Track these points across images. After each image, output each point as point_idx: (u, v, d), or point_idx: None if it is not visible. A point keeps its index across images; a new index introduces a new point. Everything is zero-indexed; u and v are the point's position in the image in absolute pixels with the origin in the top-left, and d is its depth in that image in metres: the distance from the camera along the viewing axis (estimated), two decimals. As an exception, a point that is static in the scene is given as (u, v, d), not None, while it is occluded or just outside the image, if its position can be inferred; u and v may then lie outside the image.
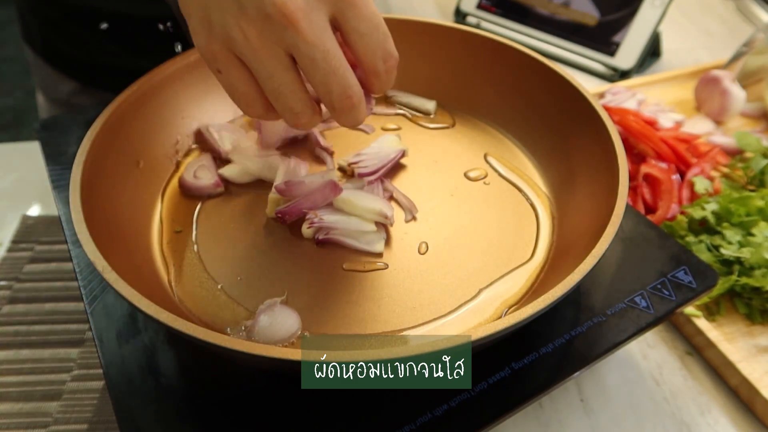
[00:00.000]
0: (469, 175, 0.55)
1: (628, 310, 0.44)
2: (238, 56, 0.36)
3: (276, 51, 0.35)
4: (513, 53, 0.57)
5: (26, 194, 0.73)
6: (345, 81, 0.36)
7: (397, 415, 0.38)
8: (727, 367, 0.51)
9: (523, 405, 0.39)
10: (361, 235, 0.48)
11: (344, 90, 0.36)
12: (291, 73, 0.36)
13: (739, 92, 0.78)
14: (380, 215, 0.48)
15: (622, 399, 0.50)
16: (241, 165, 0.53)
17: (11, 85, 2.45)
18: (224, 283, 0.45)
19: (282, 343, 0.41)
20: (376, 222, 0.48)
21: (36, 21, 0.79)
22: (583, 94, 0.51)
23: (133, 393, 0.39)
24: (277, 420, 0.38)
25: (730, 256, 0.55)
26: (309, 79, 0.36)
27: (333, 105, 0.37)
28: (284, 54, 0.35)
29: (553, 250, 0.48)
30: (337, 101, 0.37)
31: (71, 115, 0.59)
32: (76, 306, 0.60)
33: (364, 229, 0.48)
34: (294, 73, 0.36)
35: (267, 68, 0.35)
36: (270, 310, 0.42)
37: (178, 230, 0.50)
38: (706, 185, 0.64)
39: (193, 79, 0.56)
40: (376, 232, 0.48)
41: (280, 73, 0.36)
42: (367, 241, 0.48)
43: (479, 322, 0.43)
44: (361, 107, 0.38)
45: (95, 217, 0.41)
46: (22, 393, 0.53)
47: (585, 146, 0.51)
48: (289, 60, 0.36)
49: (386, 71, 0.38)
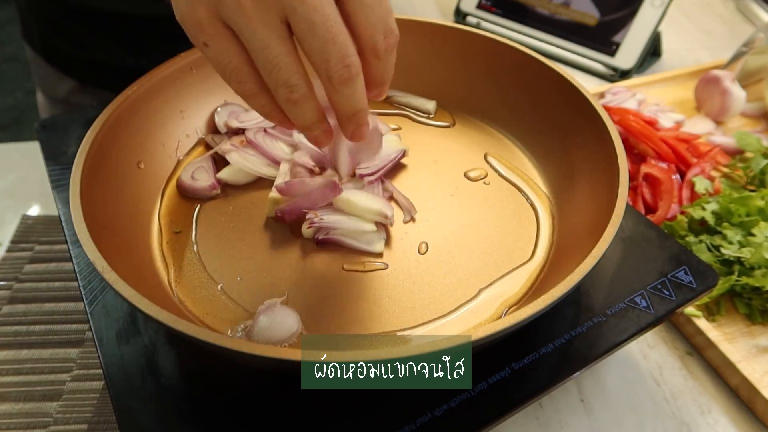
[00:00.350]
0: (469, 175, 0.55)
1: (628, 310, 0.44)
2: (228, 24, 0.33)
3: (271, 17, 0.32)
4: (513, 53, 0.57)
5: (26, 194, 0.73)
6: (345, 49, 0.33)
7: (397, 415, 0.38)
8: (728, 367, 0.51)
9: (523, 405, 0.39)
10: (361, 235, 0.48)
11: (343, 58, 0.33)
12: (287, 44, 0.33)
13: (739, 92, 0.78)
14: (380, 215, 0.48)
15: (622, 399, 0.50)
16: (238, 165, 0.53)
17: (11, 85, 2.45)
18: (224, 283, 0.45)
19: (282, 343, 0.41)
20: (376, 222, 0.48)
21: (36, 20, 0.79)
22: (583, 94, 0.51)
23: (133, 393, 0.39)
24: (277, 420, 0.38)
25: (730, 256, 0.55)
26: (305, 47, 0.33)
27: (330, 75, 0.34)
28: (279, 21, 0.32)
29: (553, 250, 0.48)
30: (335, 70, 0.33)
31: (71, 115, 0.59)
32: (76, 306, 0.60)
33: (364, 229, 0.48)
34: (291, 43, 0.34)
35: (261, 37, 0.33)
36: (270, 311, 0.42)
37: (177, 231, 0.50)
38: (706, 185, 0.64)
39: (193, 79, 0.56)
40: (376, 232, 0.48)
41: (275, 43, 0.33)
42: (367, 241, 0.48)
43: (479, 322, 0.43)
44: (360, 83, 0.35)
45: (95, 217, 0.41)
46: (22, 393, 0.53)
47: (585, 146, 0.50)
48: (285, 29, 0.33)
49: (386, 50, 0.35)
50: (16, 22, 0.84)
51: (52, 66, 0.81)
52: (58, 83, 0.82)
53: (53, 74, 0.81)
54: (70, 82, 0.81)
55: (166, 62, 0.54)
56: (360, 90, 0.36)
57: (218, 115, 0.58)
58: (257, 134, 0.54)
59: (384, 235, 0.49)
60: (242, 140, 0.55)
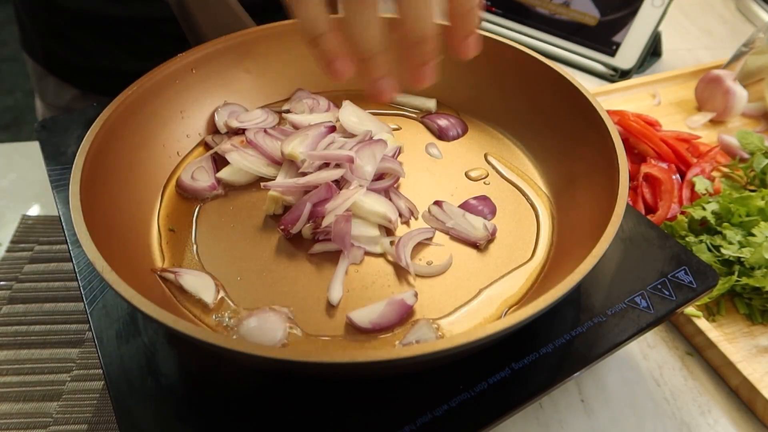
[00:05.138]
0: (470, 175, 0.55)
1: (629, 310, 0.44)
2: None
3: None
4: (513, 53, 0.57)
5: (26, 194, 0.73)
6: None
7: (397, 415, 0.38)
8: (728, 367, 0.51)
9: (523, 405, 0.39)
10: (362, 235, 0.48)
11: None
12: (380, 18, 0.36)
13: (741, 92, 0.78)
14: (384, 218, 0.48)
15: (623, 399, 0.50)
16: (238, 165, 0.53)
17: (11, 85, 2.45)
18: (224, 283, 0.45)
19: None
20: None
21: (38, 31, 0.79)
22: (583, 94, 0.51)
23: (133, 393, 0.39)
24: (276, 420, 0.38)
25: (730, 256, 0.55)
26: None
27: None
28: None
29: (553, 250, 0.48)
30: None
31: (71, 115, 0.60)
32: (76, 306, 0.60)
33: (368, 234, 0.47)
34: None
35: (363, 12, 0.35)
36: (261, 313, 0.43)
37: (172, 228, 0.49)
38: (707, 185, 0.64)
39: (193, 79, 0.56)
40: (377, 233, 0.48)
41: (371, 13, 0.35)
42: (368, 242, 0.48)
43: (479, 322, 0.43)
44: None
45: (95, 217, 0.41)
46: (22, 393, 0.53)
47: (585, 146, 0.50)
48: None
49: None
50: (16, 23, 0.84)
51: (54, 75, 0.81)
52: (60, 92, 0.82)
53: (54, 83, 0.81)
54: (71, 91, 0.81)
55: (166, 62, 0.54)
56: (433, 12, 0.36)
57: (218, 115, 0.58)
58: (257, 134, 0.54)
59: (385, 236, 0.49)
60: (242, 140, 0.55)
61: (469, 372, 0.40)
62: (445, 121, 0.59)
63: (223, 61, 0.58)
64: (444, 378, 0.39)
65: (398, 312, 0.42)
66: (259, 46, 0.60)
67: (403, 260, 0.46)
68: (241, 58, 0.60)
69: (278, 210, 0.51)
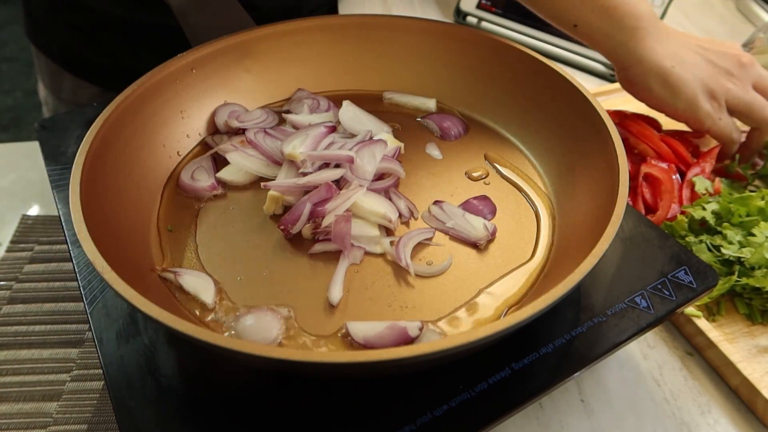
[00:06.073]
0: (470, 175, 0.55)
1: (629, 310, 0.44)
2: (727, 103, 0.62)
3: (749, 85, 0.63)
4: (513, 53, 0.57)
5: (26, 194, 0.73)
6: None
7: (397, 415, 0.38)
8: (728, 367, 0.51)
9: (523, 405, 0.39)
10: (362, 235, 0.48)
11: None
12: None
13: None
14: (384, 218, 0.48)
15: (623, 399, 0.50)
16: (238, 165, 0.53)
17: (11, 85, 2.45)
18: (224, 283, 0.45)
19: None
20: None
21: (56, 28, 0.78)
22: (583, 94, 0.51)
23: (132, 393, 0.39)
24: (276, 420, 0.38)
25: (730, 256, 0.55)
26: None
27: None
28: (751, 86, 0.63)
29: (553, 250, 0.48)
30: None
31: (71, 115, 0.59)
32: (76, 306, 0.60)
33: (368, 234, 0.47)
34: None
35: (752, 96, 0.62)
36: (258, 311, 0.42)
37: (171, 228, 0.49)
38: (707, 185, 0.64)
39: (193, 79, 0.56)
40: (377, 233, 0.48)
41: (755, 95, 0.63)
42: (368, 242, 0.48)
43: (479, 322, 0.43)
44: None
45: (95, 217, 0.41)
46: (22, 393, 0.53)
47: (585, 146, 0.50)
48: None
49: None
50: (16, 22, 0.84)
51: (71, 72, 0.80)
52: (78, 89, 0.81)
53: (71, 80, 0.81)
54: (91, 88, 0.81)
55: (166, 62, 0.54)
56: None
57: (218, 115, 0.58)
58: (257, 134, 0.54)
59: (385, 236, 0.49)
60: (242, 140, 0.55)
61: (469, 372, 0.40)
62: (445, 121, 0.59)
63: (223, 61, 0.58)
64: (444, 378, 0.39)
65: (396, 339, 0.41)
66: (259, 46, 0.60)
67: (403, 260, 0.46)
68: (241, 58, 0.60)
69: (278, 210, 0.51)
